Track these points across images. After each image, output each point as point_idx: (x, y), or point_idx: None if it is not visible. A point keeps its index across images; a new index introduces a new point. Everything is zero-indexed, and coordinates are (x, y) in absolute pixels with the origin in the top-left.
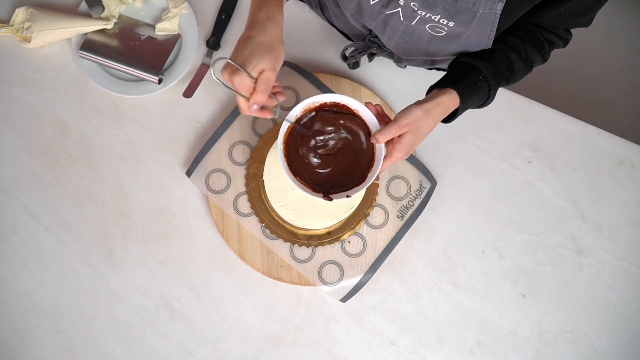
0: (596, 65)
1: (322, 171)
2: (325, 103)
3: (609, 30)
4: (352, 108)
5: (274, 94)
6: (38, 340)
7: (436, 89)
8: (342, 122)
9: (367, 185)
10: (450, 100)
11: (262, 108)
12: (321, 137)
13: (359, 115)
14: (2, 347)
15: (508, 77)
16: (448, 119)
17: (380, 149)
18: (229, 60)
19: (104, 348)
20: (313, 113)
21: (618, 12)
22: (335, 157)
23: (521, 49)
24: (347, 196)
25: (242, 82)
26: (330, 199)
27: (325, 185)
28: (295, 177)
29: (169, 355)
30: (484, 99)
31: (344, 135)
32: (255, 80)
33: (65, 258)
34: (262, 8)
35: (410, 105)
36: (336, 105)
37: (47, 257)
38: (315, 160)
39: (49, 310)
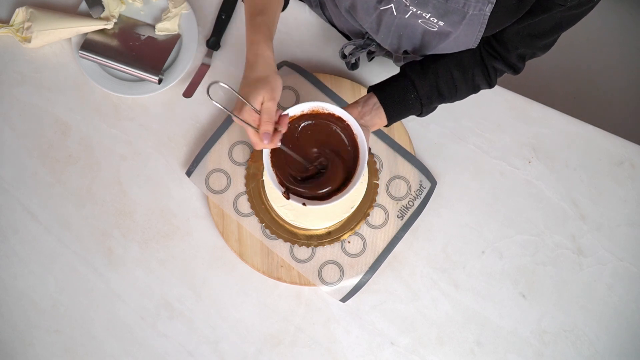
0: (596, 65)
1: (305, 165)
2: (331, 113)
3: (609, 30)
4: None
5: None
6: (38, 340)
7: (371, 100)
8: (338, 133)
9: (326, 204)
10: (380, 119)
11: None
12: (313, 148)
13: (347, 124)
14: (2, 347)
15: (446, 96)
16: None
17: (356, 180)
18: (234, 91)
19: (104, 348)
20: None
21: (617, 11)
22: (319, 161)
23: (469, 70)
24: (303, 204)
25: (249, 117)
26: (288, 198)
27: (301, 182)
28: (272, 168)
29: (169, 355)
30: (416, 113)
31: (333, 149)
32: (259, 112)
33: (65, 258)
34: (251, 49)
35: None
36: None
37: (47, 257)
38: (299, 157)
39: (49, 310)
